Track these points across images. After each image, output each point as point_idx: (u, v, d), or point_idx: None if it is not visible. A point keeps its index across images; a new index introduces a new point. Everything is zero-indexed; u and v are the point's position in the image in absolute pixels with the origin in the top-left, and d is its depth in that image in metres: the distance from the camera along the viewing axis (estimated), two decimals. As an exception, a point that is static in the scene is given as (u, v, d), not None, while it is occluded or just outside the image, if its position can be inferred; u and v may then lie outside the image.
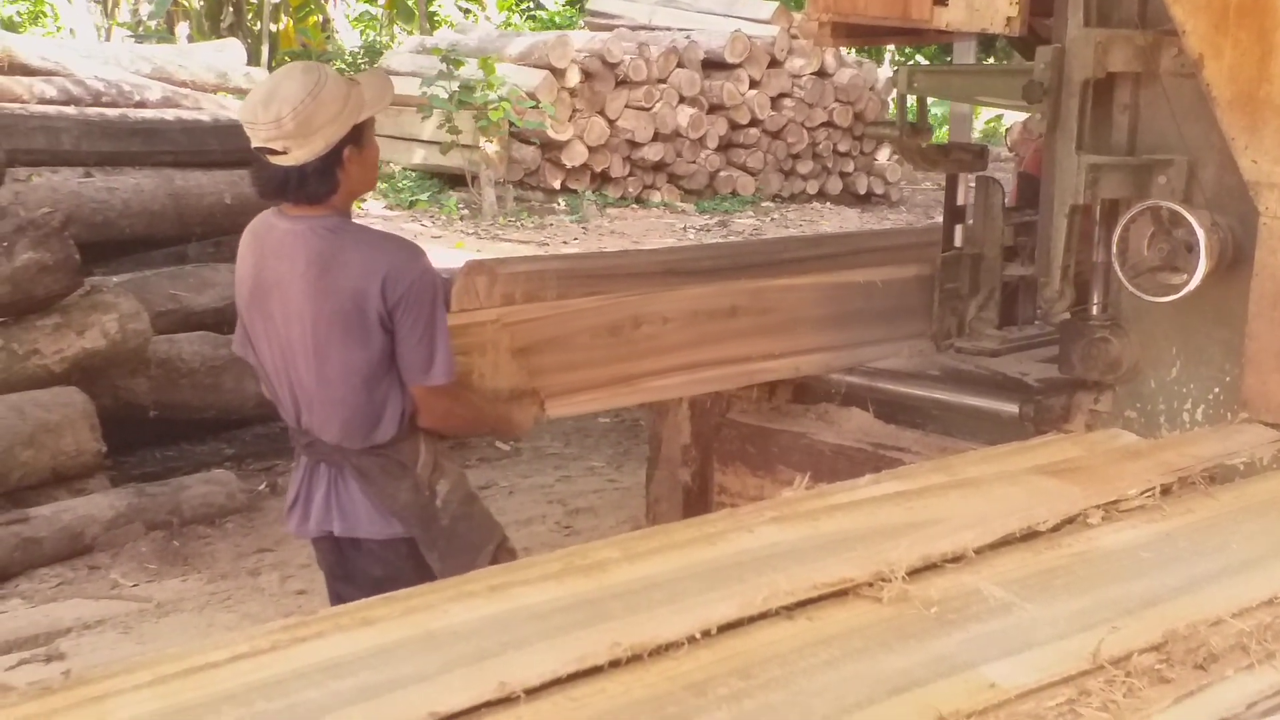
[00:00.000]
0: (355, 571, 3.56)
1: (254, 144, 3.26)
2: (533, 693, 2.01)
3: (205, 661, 2.06)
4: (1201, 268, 3.60)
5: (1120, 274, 3.77)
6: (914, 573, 2.50)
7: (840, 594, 2.42)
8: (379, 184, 16.44)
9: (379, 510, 3.47)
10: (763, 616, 2.31)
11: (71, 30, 21.59)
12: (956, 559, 2.60)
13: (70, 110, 8.12)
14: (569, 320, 4.00)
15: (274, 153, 3.24)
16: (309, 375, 3.37)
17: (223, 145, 8.56)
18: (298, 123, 3.20)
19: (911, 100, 4.72)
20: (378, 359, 3.33)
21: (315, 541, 3.64)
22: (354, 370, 3.33)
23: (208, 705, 1.93)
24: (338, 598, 3.60)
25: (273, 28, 20.95)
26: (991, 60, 12.91)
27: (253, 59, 15.39)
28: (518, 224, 15.21)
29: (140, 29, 22.08)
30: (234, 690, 1.97)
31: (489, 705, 1.96)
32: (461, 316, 3.77)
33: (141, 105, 8.57)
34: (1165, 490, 3.06)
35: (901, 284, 4.81)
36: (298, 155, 3.24)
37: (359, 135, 3.32)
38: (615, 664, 2.11)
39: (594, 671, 2.09)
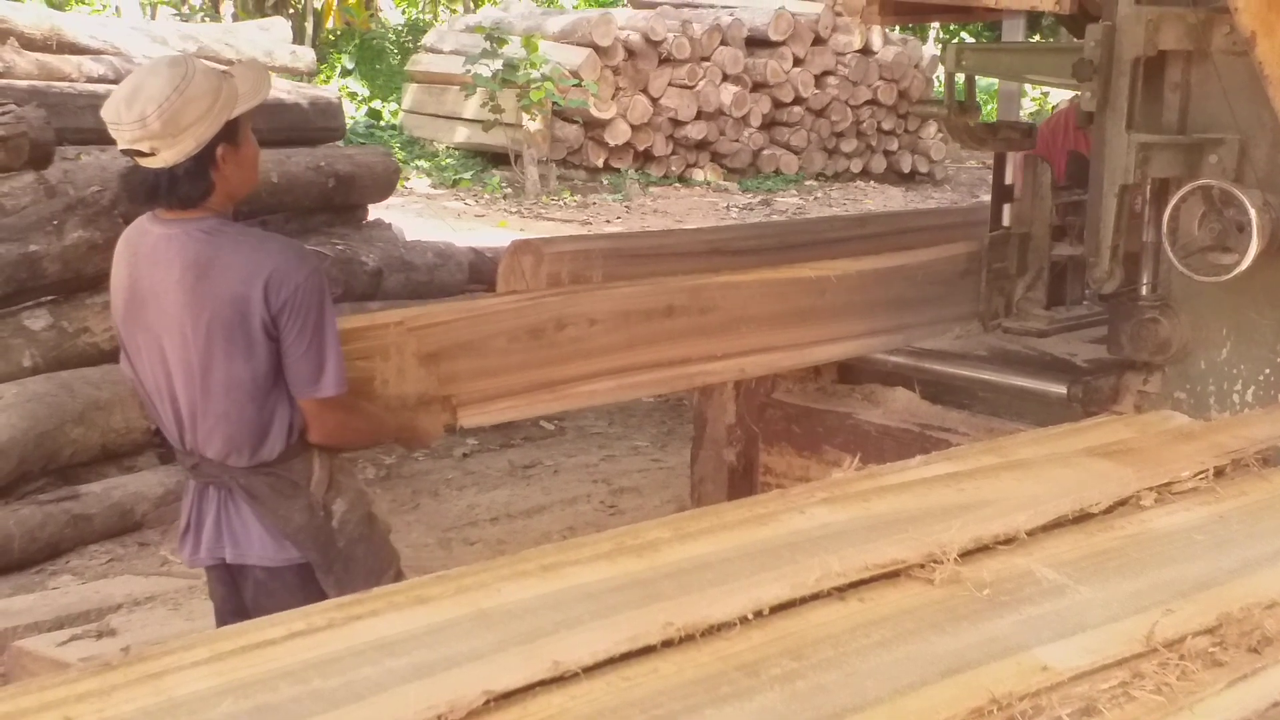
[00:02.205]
0: (247, 602, 3.30)
1: (120, 146, 3.04)
2: (586, 672, 2.02)
3: (262, 639, 2.08)
4: (1253, 248, 3.58)
5: (1171, 254, 3.74)
6: (966, 554, 2.50)
7: (892, 575, 2.42)
8: (422, 162, 16.49)
9: (272, 534, 3.21)
10: (814, 597, 2.32)
11: (117, 9, 21.67)
12: (1009, 541, 2.60)
13: (118, 89, 8.15)
14: (483, 323, 3.69)
15: (142, 154, 3.01)
16: (190, 390, 3.12)
17: (269, 124, 8.58)
18: (164, 121, 2.96)
19: (959, 78, 4.70)
20: (263, 370, 3.09)
21: (209, 570, 3.39)
22: (237, 382, 3.09)
23: (265, 682, 1.95)
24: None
25: (316, 5, 20.99)
26: (1038, 37, 12.83)
27: (297, 37, 15.41)
28: (560, 203, 15.21)
29: (185, 7, 22.16)
30: (291, 667, 1.99)
31: (543, 684, 1.98)
32: (362, 319, 3.56)
33: (188, 84, 8.59)
34: (1218, 472, 3.05)
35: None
36: (167, 156, 3.00)
37: (233, 132, 3.09)
38: (668, 644, 2.12)
39: (647, 651, 2.10)
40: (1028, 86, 19.91)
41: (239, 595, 3.33)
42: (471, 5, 22.99)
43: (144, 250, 3.13)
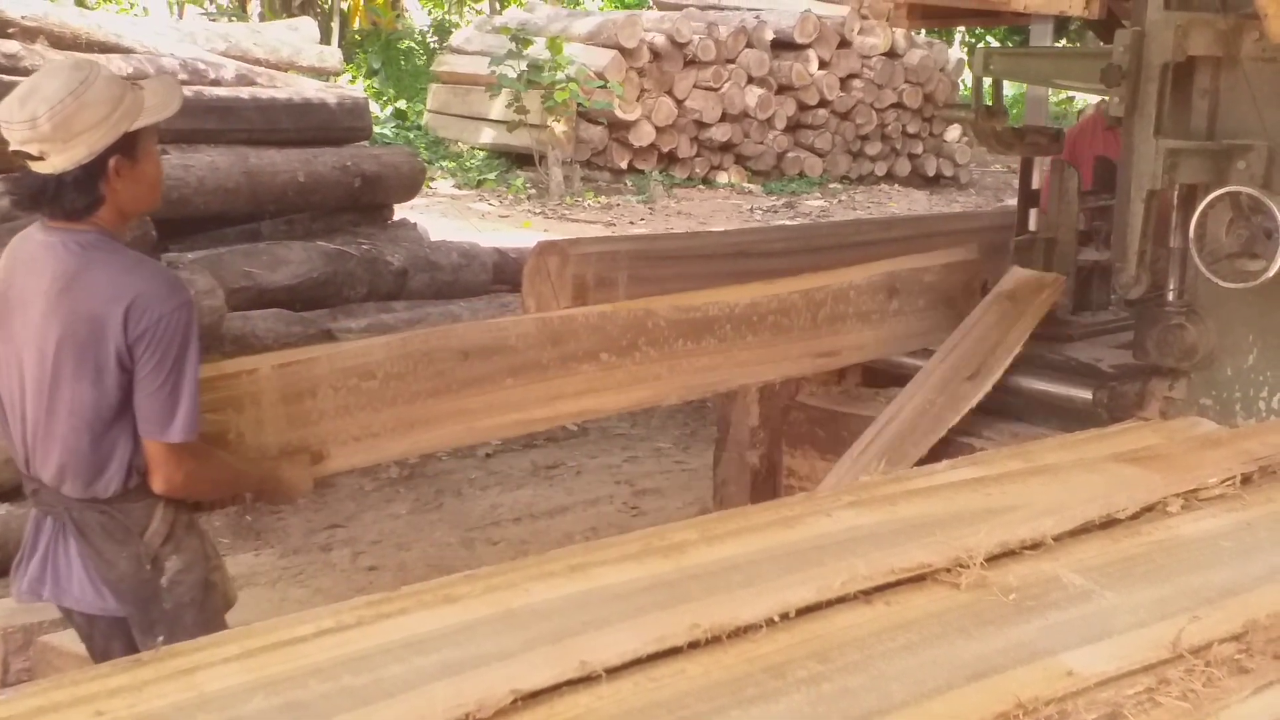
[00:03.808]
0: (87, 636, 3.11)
1: (10, 147, 2.86)
2: (613, 672, 2.03)
3: (292, 636, 2.09)
4: (1281, 255, 3.57)
5: (1198, 260, 3.74)
6: (992, 559, 2.51)
7: (918, 579, 2.42)
8: (447, 162, 16.51)
9: (92, 579, 2.99)
10: (841, 600, 2.32)
11: (144, 8, 21.77)
12: (1035, 546, 2.60)
13: (146, 88, 8.19)
14: (339, 361, 3.47)
15: (31, 157, 2.85)
16: (37, 408, 2.93)
17: (296, 123, 8.65)
18: (54, 124, 2.80)
19: (986, 82, 4.70)
20: (109, 400, 2.88)
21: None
22: (80, 407, 2.88)
23: (295, 679, 1.97)
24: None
25: (343, 6, 21.04)
26: (1064, 42, 12.80)
27: (323, 37, 15.46)
28: (584, 204, 15.22)
29: (212, 6, 22.24)
30: (320, 664, 2.00)
31: (570, 684, 1.99)
32: (222, 366, 3.30)
33: (216, 83, 8.65)
34: (1246, 479, 3.04)
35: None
36: (55, 162, 2.83)
37: (132, 145, 2.91)
38: (694, 645, 2.13)
39: (673, 652, 2.11)
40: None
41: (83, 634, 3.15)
42: (497, 6, 23.01)
43: (22, 257, 2.97)
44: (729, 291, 4.23)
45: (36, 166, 2.86)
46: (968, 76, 15.02)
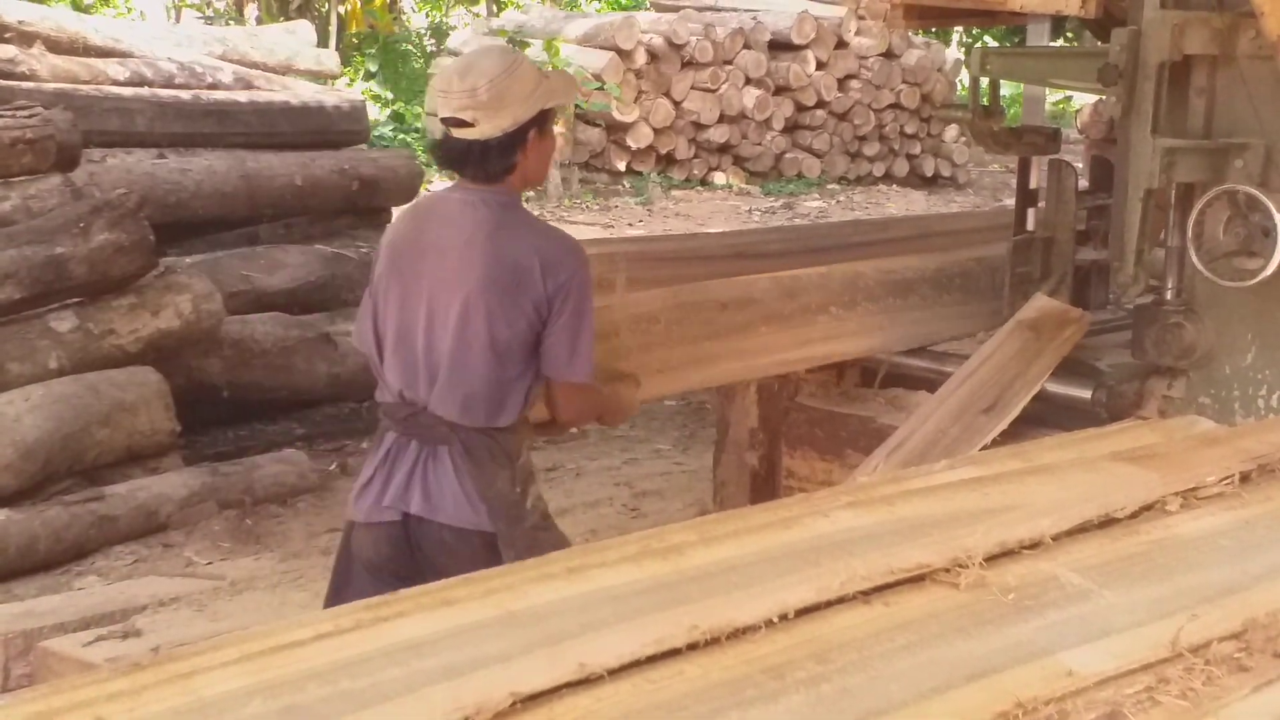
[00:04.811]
0: (424, 561, 3.39)
1: (442, 114, 3.34)
2: (612, 674, 2.02)
3: (291, 640, 2.08)
4: (1279, 252, 3.57)
5: (1195, 259, 3.74)
6: (991, 559, 2.50)
7: (917, 579, 2.42)
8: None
9: (469, 497, 3.36)
10: (839, 601, 2.32)
11: (141, 13, 21.76)
12: (1034, 545, 2.59)
13: (144, 92, 8.22)
14: (629, 308, 4.09)
15: (462, 124, 3.30)
16: (445, 343, 3.34)
17: (294, 127, 8.65)
18: (491, 95, 3.26)
19: (983, 82, 4.70)
20: (519, 341, 3.33)
21: (374, 528, 3.46)
22: (493, 345, 3.31)
23: (294, 683, 1.96)
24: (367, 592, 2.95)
25: (340, 9, 21.02)
26: (1061, 42, 12.81)
27: (321, 40, 15.45)
28: (583, 206, 15.22)
29: (210, 10, 22.23)
30: (320, 668, 2.00)
31: (569, 686, 1.98)
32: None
33: (214, 87, 8.65)
34: (1244, 478, 3.04)
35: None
36: (485, 129, 3.29)
37: (544, 121, 3.37)
38: (693, 647, 2.12)
39: (672, 654, 2.10)
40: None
41: (409, 554, 3.42)
42: (494, 8, 23.00)
43: (439, 210, 3.47)
44: (917, 259, 4.99)
45: (462, 133, 3.31)
46: (965, 76, 15.03)
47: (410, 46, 21.73)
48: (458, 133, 3.32)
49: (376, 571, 3.45)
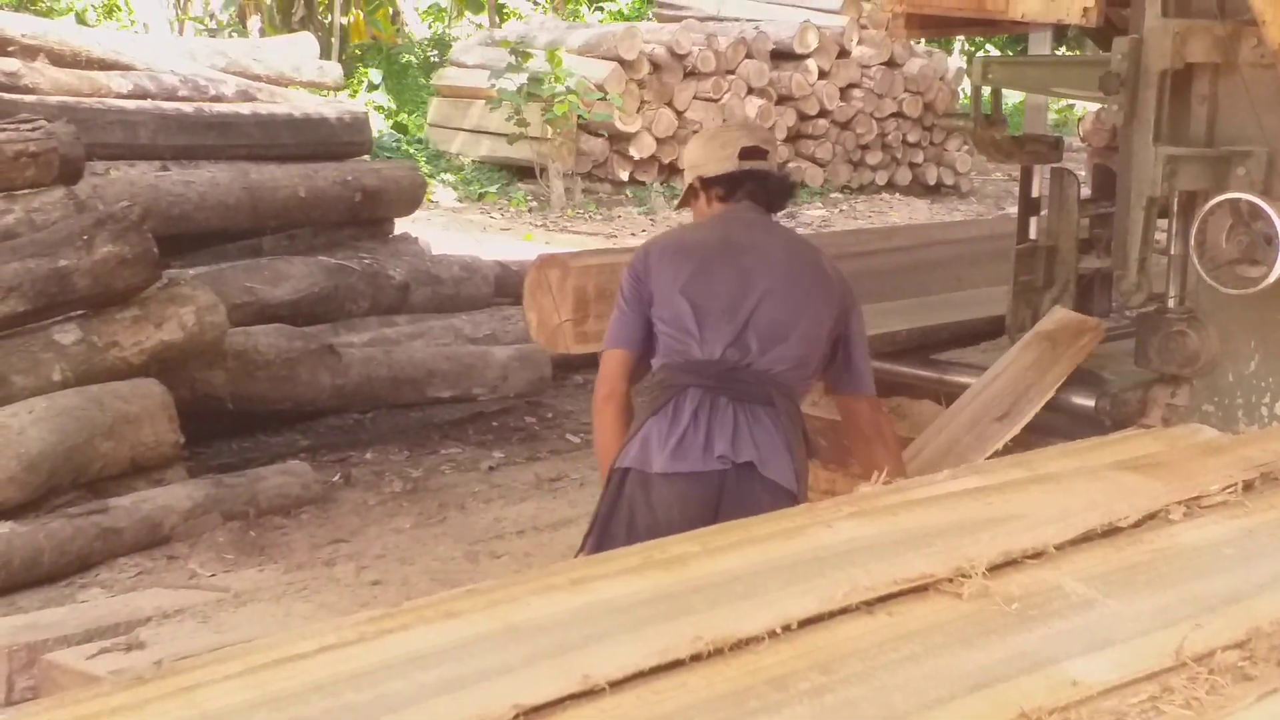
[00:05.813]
0: (719, 515, 3.46)
1: (747, 143, 3.91)
2: (615, 686, 2.02)
3: (294, 652, 2.08)
4: (1282, 261, 3.57)
5: (1198, 266, 3.74)
6: (995, 568, 2.50)
7: (920, 589, 2.41)
8: (448, 175, 16.53)
9: (790, 456, 3.67)
10: (843, 612, 2.31)
11: (145, 25, 21.79)
12: (1037, 555, 2.59)
13: (147, 105, 8.24)
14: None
15: (761, 153, 3.91)
16: (779, 309, 3.72)
17: (296, 138, 8.67)
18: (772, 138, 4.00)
19: (985, 91, 4.70)
20: (824, 329, 3.79)
21: (688, 477, 3.59)
22: (820, 319, 3.77)
23: (297, 696, 1.96)
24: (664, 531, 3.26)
25: (343, 21, 21.05)
26: (1063, 50, 12.80)
27: (324, 52, 15.47)
28: (585, 216, 15.23)
29: (212, 22, 22.26)
30: (322, 681, 1.99)
31: (573, 698, 1.98)
32: None
33: (217, 100, 8.67)
34: (1248, 486, 3.03)
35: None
36: (772, 161, 3.96)
37: None
38: (696, 658, 2.12)
39: (675, 665, 2.10)
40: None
41: (715, 507, 3.56)
42: (496, 19, 23.03)
43: (744, 220, 3.90)
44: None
45: (758, 164, 3.92)
46: (967, 85, 15.03)
47: (412, 58, 21.75)
48: (753, 163, 3.88)
49: (668, 526, 3.43)
